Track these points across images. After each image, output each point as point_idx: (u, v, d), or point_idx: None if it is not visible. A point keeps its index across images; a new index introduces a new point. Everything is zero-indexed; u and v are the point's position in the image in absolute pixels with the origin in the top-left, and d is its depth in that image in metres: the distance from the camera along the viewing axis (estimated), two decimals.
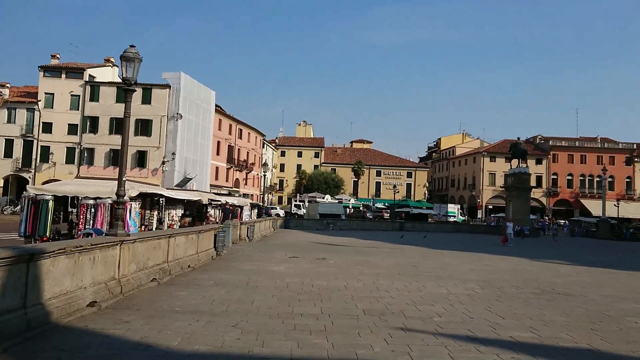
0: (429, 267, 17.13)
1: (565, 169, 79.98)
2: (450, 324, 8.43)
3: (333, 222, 47.91)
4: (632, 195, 78.19)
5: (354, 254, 21.28)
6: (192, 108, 50.18)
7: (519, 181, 48.39)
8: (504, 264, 19.76)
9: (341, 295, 10.84)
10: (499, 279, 14.80)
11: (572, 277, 16.15)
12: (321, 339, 7.20)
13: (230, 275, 13.33)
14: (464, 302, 10.57)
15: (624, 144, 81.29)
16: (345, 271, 15.14)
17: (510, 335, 7.84)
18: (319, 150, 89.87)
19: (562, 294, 12.22)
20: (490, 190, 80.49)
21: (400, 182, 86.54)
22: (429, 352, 6.69)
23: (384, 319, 8.65)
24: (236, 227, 24.54)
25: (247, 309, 9.01)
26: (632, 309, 10.52)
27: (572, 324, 8.87)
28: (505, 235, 31.79)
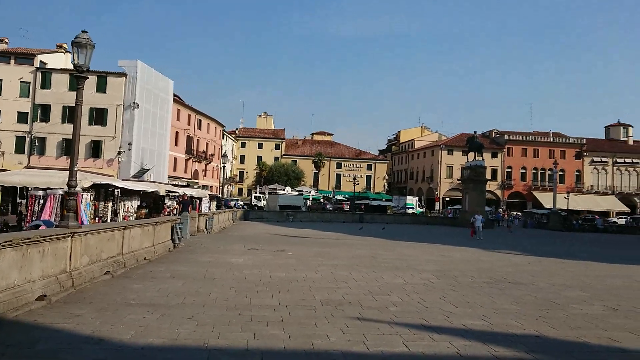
0: (386, 258, 17.38)
1: (519, 163, 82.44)
2: (405, 313, 8.59)
3: (293, 214, 47.94)
4: (581, 188, 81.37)
5: (314, 246, 21.36)
6: (150, 97, 49.01)
7: (475, 174, 49.60)
8: (460, 254, 20.26)
9: (299, 287, 10.87)
10: (454, 269, 15.16)
11: (524, 266, 16.72)
12: (278, 329, 7.21)
13: (187, 267, 13.16)
14: (419, 292, 10.78)
15: (574, 139, 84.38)
16: (304, 262, 15.18)
17: (463, 323, 8.06)
18: (280, 141, 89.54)
19: (514, 283, 12.63)
20: (447, 182, 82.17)
21: (360, 174, 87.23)
22: (384, 341, 6.80)
23: (341, 309, 8.74)
24: (194, 219, 24.23)
25: (203, 301, 8.92)
26: (578, 297, 10.98)
27: (521, 311, 9.18)
28: (473, 228, 31.76)
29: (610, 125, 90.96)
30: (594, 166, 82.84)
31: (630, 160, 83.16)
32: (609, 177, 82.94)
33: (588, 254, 23.26)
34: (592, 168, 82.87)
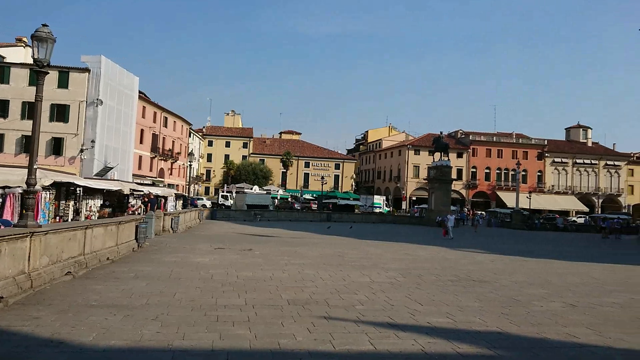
0: (353, 257, 17.47)
1: (484, 163, 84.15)
2: (371, 312, 8.65)
3: (261, 213, 47.73)
4: (543, 188, 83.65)
5: (281, 245, 21.31)
6: (114, 94, 47.92)
7: (441, 174, 50.38)
8: (425, 253, 20.54)
9: (266, 286, 10.82)
10: (419, 267, 15.36)
11: (487, 264, 17.07)
12: (244, 329, 7.16)
13: (151, 267, 12.94)
14: (385, 290, 10.88)
15: (536, 140, 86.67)
16: (271, 262, 15.13)
17: (428, 321, 8.17)
18: (248, 140, 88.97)
19: (477, 281, 12.89)
20: (414, 182, 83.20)
21: (328, 173, 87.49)
22: (350, 340, 6.84)
23: (308, 308, 8.74)
24: (159, 218, 23.85)
25: (168, 302, 8.78)
26: (539, 294, 11.27)
27: (484, 308, 9.37)
28: (445, 228, 31.44)
29: (570, 127, 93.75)
30: (554, 167, 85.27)
31: (589, 161, 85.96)
32: (569, 177, 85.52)
33: (549, 252, 23.93)
34: (553, 169, 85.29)
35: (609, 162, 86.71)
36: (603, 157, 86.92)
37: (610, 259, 21.72)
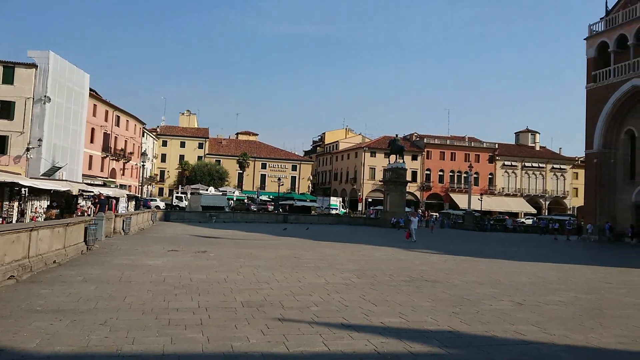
0: (309, 258, 17.49)
1: (438, 165, 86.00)
2: (326, 313, 8.68)
3: (216, 215, 47.10)
4: (494, 190, 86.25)
5: (236, 247, 21.10)
6: (63, 91, 46.23)
7: (396, 176, 51.13)
8: (380, 253, 20.78)
9: (220, 288, 10.69)
10: (374, 268, 15.53)
11: (439, 265, 17.43)
12: (196, 333, 7.04)
13: (101, 270, 12.55)
14: (340, 291, 10.94)
15: (488, 144, 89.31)
16: (226, 264, 14.95)
17: (381, 321, 8.26)
18: (203, 141, 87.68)
19: (430, 281, 13.14)
20: (370, 184, 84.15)
21: (285, 175, 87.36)
22: (304, 341, 6.83)
23: (262, 310, 8.68)
24: (110, 220, 23.17)
25: (118, 306, 8.54)
26: (488, 293, 11.60)
27: (436, 308, 9.56)
28: (409, 231, 30.49)
29: (519, 132, 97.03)
30: (505, 170, 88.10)
31: (537, 164, 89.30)
32: (518, 180, 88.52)
33: (498, 253, 24.68)
34: (504, 171, 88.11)
35: (556, 165, 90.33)
36: (550, 161, 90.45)
37: (556, 259, 22.59)
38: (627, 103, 41.88)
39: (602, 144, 43.36)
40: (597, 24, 45.09)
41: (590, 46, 45.27)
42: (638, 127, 41.54)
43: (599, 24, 44.90)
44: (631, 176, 42.11)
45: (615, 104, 42.14)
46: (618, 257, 25.60)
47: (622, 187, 42.54)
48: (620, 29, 42.04)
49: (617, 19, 42.72)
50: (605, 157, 43.28)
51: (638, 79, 40.02)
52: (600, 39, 44.19)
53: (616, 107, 42.22)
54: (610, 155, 43.18)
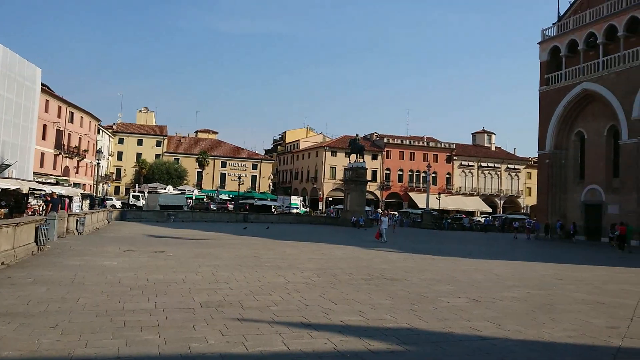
0: (269, 258, 17.40)
1: (397, 165, 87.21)
2: (286, 312, 8.65)
3: (174, 214, 46.28)
4: (451, 190, 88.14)
5: (195, 246, 20.78)
6: (12, 85, 44.36)
7: (357, 175, 51.52)
8: (340, 252, 20.89)
9: (178, 289, 10.49)
10: (334, 267, 15.59)
11: (399, 263, 17.66)
12: (153, 335, 6.88)
13: (53, 271, 12.12)
14: (300, 290, 10.92)
15: (446, 144, 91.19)
16: (184, 264, 14.70)
17: (341, 319, 8.29)
18: (161, 138, 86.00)
19: (389, 279, 13.29)
20: (331, 183, 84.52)
21: (245, 173, 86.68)
22: (263, 341, 6.78)
23: (221, 310, 8.58)
24: (63, 219, 22.42)
25: (70, 308, 8.26)
26: (446, 290, 11.83)
27: (395, 306, 9.67)
28: (379, 230, 30.03)
29: (476, 133, 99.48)
30: (462, 169, 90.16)
31: (492, 164, 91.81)
32: (474, 179, 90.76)
33: (456, 251, 25.23)
34: (461, 171, 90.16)
35: (510, 165, 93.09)
36: (505, 161, 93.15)
37: (511, 257, 23.27)
38: (577, 106, 43.54)
39: (553, 145, 44.94)
40: (550, 29, 46.68)
41: (543, 50, 46.83)
42: (587, 129, 43.24)
43: (552, 29, 46.50)
44: (580, 176, 43.80)
45: (566, 106, 43.74)
46: (568, 254, 26.59)
47: (572, 186, 44.21)
48: (571, 34, 43.65)
49: (568, 25, 44.34)
50: (557, 157, 44.87)
51: (588, 83, 41.65)
52: (552, 44, 45.76)
53: (567, 109, 43.83)
54: (562, 156, 44.80)
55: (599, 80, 40.60)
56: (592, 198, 42.04)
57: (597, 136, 42.26)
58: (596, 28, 41.23)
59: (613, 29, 39.84)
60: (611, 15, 40.01)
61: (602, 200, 41.00)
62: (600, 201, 41.24)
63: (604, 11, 40.76)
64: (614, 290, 12.97)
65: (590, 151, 42.83)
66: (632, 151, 37.51)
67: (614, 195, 39.62)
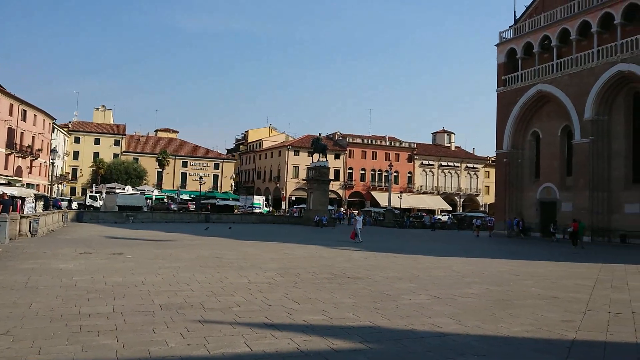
0: (232, 258, 17.22)
1: (360, 164, 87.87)
2: (248, 313, 8.56)
3: (133, 215, 45.27)
4: (412, 188, 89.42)
5: (155, 248, 20.37)
6: None
7: (320, 174, 51.65)
8: (303, 252, 20.88)
9: (137, 291, 10.25)
10: (297, 266, 15.55)
11: (361, 261, 17.78)
12: (111, 339, 6.68)
13: (4, 275, 11.64)
14: (263, 291, 10.84)
15: (407, 143, 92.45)
16: (143, 265, 14.38)
17: (304, 319, 8.27)
18: (120, 137, 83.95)
19: (352, 278, 13.35)
20: (294, 182, 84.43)
21: (207, 173, 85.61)
22: (225, 342, 6.69)
23: (182, 312, 8.42)
24: (15, 221, 21.59)
25: (22, 313, 7.94)
26: (408, 288, 11.97)
27: (358, 304, 9.72)
28: (354, 230, 29.21)
29: (436, 132, 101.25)
30: (423, 168, 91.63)
31: (452, 163, 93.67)
32: (435, 178, 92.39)
33: (417, 249, 25.60)
34: (422, 170, 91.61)
35: (469, 164, 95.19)
36: (464, 160, 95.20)
37: (470, 254, 23.77)
38: (533, 106, 44.90)
39: (510, 145, 46.21)
40: (507, 32, 47.96)
41: (501, 52, 48.08)
42: (542, 129, 44.66)
43: (508, 31, 47.78)
44: (536, 175, 45.22)
45: (522, 107, 45.05)
46: (525, 251, 27.37)
47: (528, 185, 45.58)
48: (527, 37, 44.97)
49: (524, 28, 45.66)
50: (514, 157, 46.17)
51: (543, 84, 42.99)
52: (509, 46, 47.03)
53: (523, 110, 45.15)
54: (518, 156, 46.13)
55: (553, 82, 41.98)
56: (547, 196, 43.46)
57: (551, 136, 43.70)
58: (550, 31, 42.61)
59: (566, 32, 41.27)
60: (564, 19, 41.44)
61: (557, 198, 42.43)
62: (555, 199, 42.67)
63: (558, 15, 42.18)
64: (568, 285, 13.42)
65: (545, 151, 44.27)
66: (584, 151, 38.96)
67: (568, 193, 41.06)
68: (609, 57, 37.58)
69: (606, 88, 37.95)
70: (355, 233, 28.74)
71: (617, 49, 36.99)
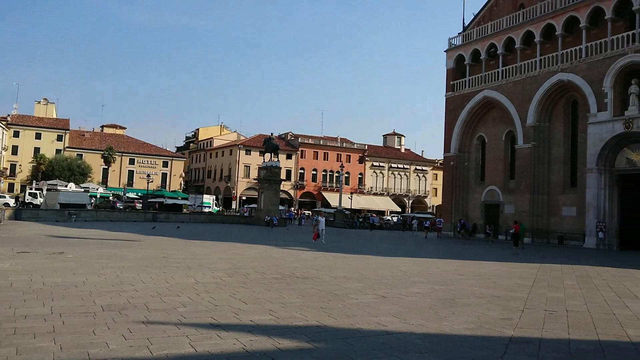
0: (179, 258, 16.90)
1: (311, 165, 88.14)
2: (194, 313, 8.43)
3: (76, 213, 43.69)
4: (363, 189, 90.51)
5: (99, 247, 19.72)
6: None
7: (271, 174, 51.49)
8: (253, 252, 20.74)
9: (78, 292, 9.89)
10: (246, 266, 15.43)
11: (310, 261, 17.84)
12: (47, 341, 6.42)
13: None
14: (210, 291, 10.70)
15: (358, 145, 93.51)
16: (85, 265, 13.89)
17: (251, 319, 8.22)
18: (63, 133, 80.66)
19: (300, 278, 13.38)
20: (245, 182, 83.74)
21: (155, 171, 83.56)
22: (169, 343, 6.56)
23: (125, 313, 8.19)
24: None
25: None
26: (355, 287, 12.10)
27: (306, 304, 9.75)
28: (316, 231, 28.40)
29: (387, 134, 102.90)
30: (373, 170, 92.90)
31: (402, 165, 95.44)
32: (385, 179, 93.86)
33: (366, 249, 25.93)
34: (372, 172, 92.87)
35: (418, 167, 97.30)
36: (414, 163, 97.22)
37: (417, 254, 24.30)
38: (479, 111, 46.42)
39: (458, 148, 47.58)
40: (456, 38, 49.37)
41: (450, 58, 49.42)
42: (488, 134, 46.23)
43: (457, 38, 49.20)
44: (481, 178, 46.77)
45: (469, 111, 46.49)
46: (469, 251, 28.23)
47: (474, 187, 47.07)
48: (475, 44, 46.44)
49: (472, 35, 47.14)
50: (461, 160, 47.57)
51: (489, 90, 44.50)
52: (458, 52, 48.41)
53: (470, 114, 46.60)
54: (465, 159, 47.56)
55: (499, 88, 43.55)
56: (492, 198, 45.02)
57: (496, 140, 45.30)
58: (496, 40, 44.17)
59: (511, 41, 42.90)
60: (509, 28, 43.06)
61: (500, 200, 44.03)
62: (498, 201, 44.26)
63: (504, 24, 43.79)
64: (507, 284, 13.94)
65: (490, 154, 45.86)
66: (526, 155, 40.63)
67: (510, 196, 42.69)
68: (550, 66, 39.34)
69: (547, 96, 39.71)
70: (318, 234, 28.15)
71: (558, 59, 38.77)
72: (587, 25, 36.84)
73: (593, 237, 34.93)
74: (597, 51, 36.00)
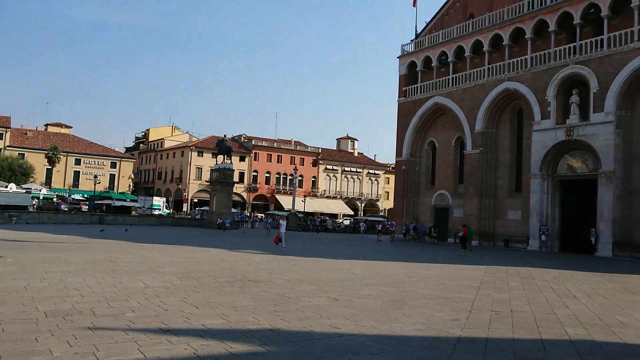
0: (127, 262, 16.46)
1: (265, 167, 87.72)
2: (143, 318, 8.24)
3: (17, 215, 41.78)
4: (316, 193, 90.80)
5: (41, 251, 18.95)
6: None
7: (224, 176, 50.94)
8: (204, 255, 20.45)
9: (18, 298, 9.47)
10: (197, 270, 15.21)
11: (263, 265, 17.76)
12: None
13: None
14: (160, 295, 10.48)
15: (312, 148, 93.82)
16: (27, 270, 13.31)
17: (203, 323, 8.11)
18: (4, 131, 76.91)
19: (253, 281, 13.30)
20: (196, 184, 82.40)
21: (103, 172, 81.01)
22: (117, 350, 6.39)
23: (70, 319, 7.91)
24: None
25: None
26: (308, 290, 12.15)
27: (258, 307, 9.71)
28: (278, 235, 28.20)
29: (340, 138, 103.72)
30: (327, 173, 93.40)
31: (355, 169, 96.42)
32: (338, 183, 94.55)
33: (319, 252, 26.04)
34: (326, 175, 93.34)
35: (371, 171, 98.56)
36: (366, 166, 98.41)
37: (369, 257, 24.60)
38: (430, 117, 47.51)
39: (409, 153, 48.52)
40: (408, 45, 50.36)
41: (402, 64, 50.36)
42: (438, 139, 47.39)
43: (410, 45, 50.20)
44: (432, 182, 47.85)
45: (421, 117, 47.50)
46: (419, 254, 28.82)
47: (424, 191, 48.11)
48: (427, 52, 47.53)
49: (424, 43, 48.23)
50: (412, 164, 48.52)
51: (439, 97, 45.63)
52: (410, 59, 49.41)
53: (422, 120, 47.62)
54: (416, 163, 48.55)
55: (449, 95, 44.73)
56: (441, 202, 46.14)
57: (446, 146, 46.49)
58: (447, 48, 45.36)
59: (461, 49, 44.16)
60: (460, 37, 44.32)
61: (449, 204, 45.18)
62: (447, 205, 45.40)
63: (454, 33, 45.04)
64: (456, 286, 14.33)
65: (440, 159, 47.01)
66: (474, 161, 41.87)
67: (459, 200, 43.87)
68: (498, 75, 40.75)
69: (495, 103, 41.10)
70: (280, 238, 27.77)
71: (505, 68, 40.22)
72: (532, 36, 38.38)
73: (536, 240, 36.34)
74: (542, 62, 37.57)
